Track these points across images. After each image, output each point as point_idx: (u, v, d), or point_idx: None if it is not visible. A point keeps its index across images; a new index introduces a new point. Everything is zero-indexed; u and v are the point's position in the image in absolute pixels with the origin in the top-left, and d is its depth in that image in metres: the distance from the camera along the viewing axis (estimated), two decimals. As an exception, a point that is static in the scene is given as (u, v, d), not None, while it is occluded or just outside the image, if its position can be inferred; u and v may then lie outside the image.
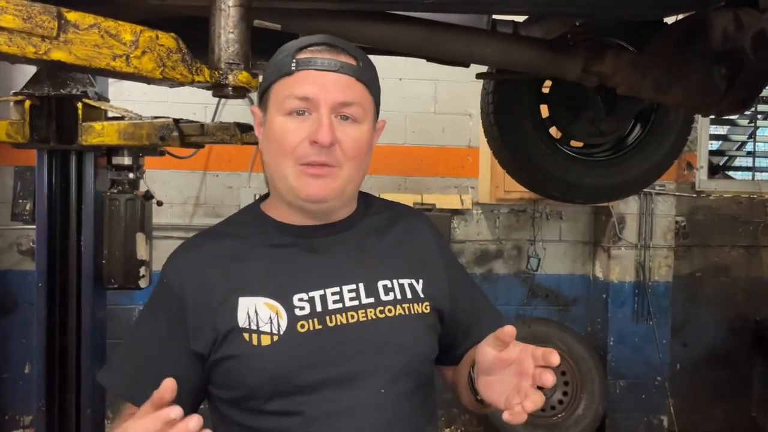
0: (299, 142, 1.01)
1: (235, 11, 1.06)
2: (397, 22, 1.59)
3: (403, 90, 3.97)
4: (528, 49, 1.71)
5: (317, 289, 1.05)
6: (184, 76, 1.00)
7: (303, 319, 1.02)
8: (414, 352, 1.08)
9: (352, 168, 1.05)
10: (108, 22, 0.91)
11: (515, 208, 4.13)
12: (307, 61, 1.01)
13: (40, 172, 2.85)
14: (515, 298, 4.15)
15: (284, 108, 1.02)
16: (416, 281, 1.12)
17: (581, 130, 2.34)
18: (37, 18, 0.84)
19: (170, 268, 1.10)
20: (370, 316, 1.05)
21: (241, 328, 1.01)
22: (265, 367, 1.00)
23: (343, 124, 1.02)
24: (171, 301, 1.06)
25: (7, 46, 0.81)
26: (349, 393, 1.01)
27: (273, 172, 1.07)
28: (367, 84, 1.06)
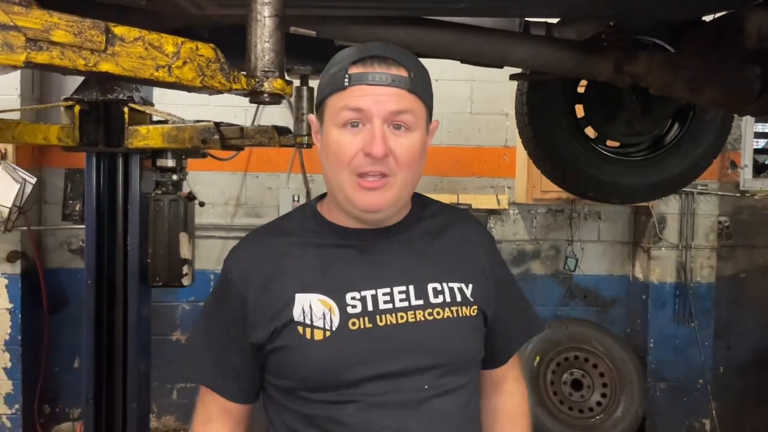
0: (354, 153, 1.05)
1: (270, 21, 1.11)
2: (428, 26, 1.62)
3: (439, 91, 3.88)
4: (559, 50, 1.72)
5: (369, 288, 1.09)
6: (222, 85, 1.05)
7: (354, 317, 1.07)
8: (459, 353, 1.12)
9: (406, 176, 1.08)
10: (152, 35, 0.97)
11: (552, 208, 4.11)
12: (360, 77, 1.04)
13: (88, 174, 2.97)
14: (553, 298, 4.13)
15: (339, 121, 1.06)
16: (466, 285, 1.15)
17: (617, 129, 2.33)
18: (86, 33, 0.89)
19: (233, 264, 1.17)
20: (419, 317, 1.09)
21: (296, 322, 1.07)
22: (316, 361, 1.06)
23: (396, 134, 1.06)
24: (234, 296, 1.13)
25: (60, 60, 0.87)
26: (395, 389, 1.06)
27: (330, 180, 1.12)
28: (419, 93, 1.08)
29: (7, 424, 3.69)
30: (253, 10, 1.11)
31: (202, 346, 1.20)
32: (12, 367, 3.67)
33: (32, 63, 0.85)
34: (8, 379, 3.66)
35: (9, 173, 3.48)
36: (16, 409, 3.69)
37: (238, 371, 1.14)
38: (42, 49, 0.86)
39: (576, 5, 1.49)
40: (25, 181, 3.48)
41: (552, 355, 3.84)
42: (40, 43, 0.86)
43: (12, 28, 0.82)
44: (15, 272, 3.68)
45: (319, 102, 1.11)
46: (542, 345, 3.84)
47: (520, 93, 2.46)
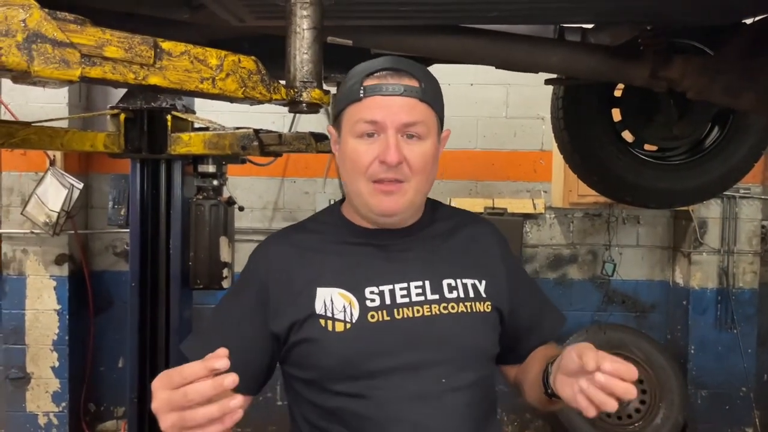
0: (370, 161, 1.11)
1: (309, 34, 1.15)
2: (462, 34, 1.65)
3: (474, 95, 4.00)
4: (593, 56, 1.72)
5: (387, 283, 1.14)
6: (263, 95, 1.09)
7: (373, 310, 1.12)
8: (473, 346, 1.16)
9: (420, 181, 1.14)
10: (197, 49, 1.01)
11: (590, 212, 4.07)
12: (374, 88, 1.11)
13: (133, 180, 3.07)
14: (590, 303, 4.09)
15: (355, 131, 1.12)
16: (479, 281, 1.20)
17: (654, 133, 2.31)
18: (137, 48, 0.94)
19: (258, 256, 1.23)
20: (435, 311, 1.13)
21: (318, 315, 1.11)
22: (338, 352, 1.10)
23: (409, 142, 1.12)
24: (256, 284, 1.18)
25: (112, 74, 0.92)
26: (413, 380, 1.09)
27: (349, 187, 1.18)
28: (430, 103, 1.14)
29: (54, 422, 3.82)
30: (292, 23, 1.15)
31: (211, 328, 1.23)
32: (59, 367, 3.80)
33: (87, 78, 0.90)
34: (56, 377, 3.80)
35: (57, 179, 3.62)
36: (63, 407, 3.82)
37: (243, 359, 1.13)
38: (95, 65, 0.91)
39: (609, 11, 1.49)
40: (72, 186, 3.61)
41: (589, 361, 3.80)
42: (94, 59, 0.91)
43: (68, 45, 0.87)
44: (63, 274, 3.81)
45: (337, 113, 1.17)
46: (579, 350, 3.80)
47: (555, 98, 2.46)
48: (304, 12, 1.15)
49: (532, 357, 1.28)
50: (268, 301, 1.15)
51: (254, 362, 1.17)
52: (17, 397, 3.78)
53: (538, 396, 1.17)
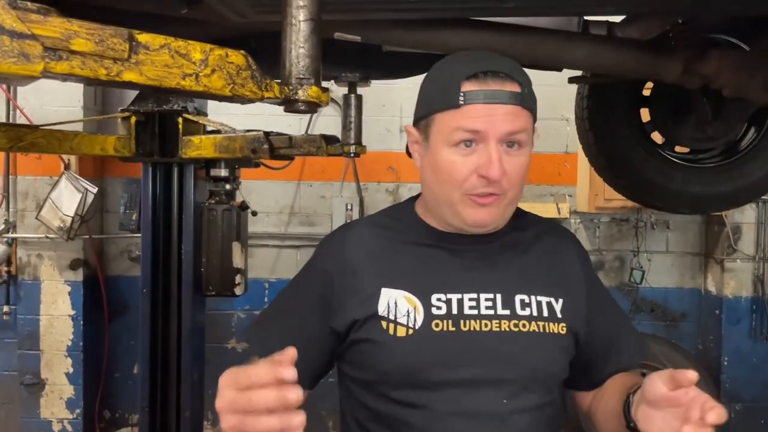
0: (468, 175, 1.03)
1: (305, 26, 1.05)
2: (478, 28, 1.54)
3: (496, 96, 3.87)
4: (621, 51, 1.60)
5: (455, 292, 1.08)
6: (253, 93, 1.00)
7: (438, 318, 1.06)
8: (542, 369, 1.08)
9: (516, 192, 1.08)
10: (178, 42, 0.92)
11: (617, 217, 3.92)
12: (475, 94, 1.01)
13: (145, 184, 3.01)
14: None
15: (452, 140, 1.03)
16: (555, 300, 1.11)
17: (686, 134, 2.18)
18: (108, 41, 0.85)
19: (324, 249, 1.18)
20: (504, 327, 1.06)
21: (380, 316, 1.06)
22: (397, 357, 1.04)
23: (509, 153, 1.03)
24: (321, 277, 1.13)
25: (80, 69, 0.84)
26: (472, 397, 1.03)
27: (438, 197, 1.09)
28: (531, 108, 1.06)
29: (68, 429, 3.78)
30: (287, 15, 1.05)
31: (272, 321, 1.20)
32: (74, 373, 3.76)
33: (51, 73, 0.82)
34: (70, 384, 3.76)
35: (72, 183, 3.58)
36: (77, 413, 3.77)
37: (303, 352, 1.05)
38: (61, 59, 0.82)
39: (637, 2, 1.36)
40: (86, 190, 3.57)
41: (616, 372, 3.66)
42: (60, 52, 0.82)
43: (29, 37, 0.78)
44: (77, 279, 3.77)
45: (425, 115, 1.08)
46: (606, 361, 3.66)
47: (580, 97, 2.34)
48: (300, 2, 1.05)
49: (609, 385, 1.17)
50: (332, 295, 1.11)
51: (313, 357, 1.12)
52: (32, 403, 3.74)
53: (616, 429, 1.06)
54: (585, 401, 1.22)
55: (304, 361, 1.04)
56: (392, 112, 3.94)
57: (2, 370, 3.93)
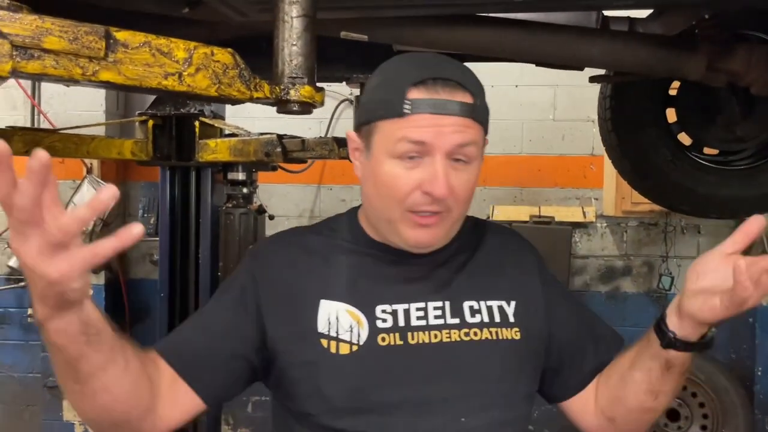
0: (410, 190, 0.94)
1: (298, 22, 1.00)
2: (489, 25, 1.47)
3: (519, 97, 3.80)
4: (640, 47, 1.52)
5: (402, 302, 1.00)
6: (241, 93, 0.96)
7: (384, 332, 0.97)
8: (499, 380, 1.00)
9: (461, 210, 0.99)
10: (159, 40, 0.88)
11: (645, 221, 3.79)
12: (422, 103, 0.92)
13: (162, 188, 3.00)
14: (645, 319, 3.80)
15: (395, 151, 0.94)
16: (507, 303, 1.04)
17: (715, 135, 2.08)
18: (83, 38, 0.82)
19: (253, 258, 1.08)
20: (454, 337, 0.99)
21: (320, 333, 0.97)
22: (342, 378, 0.96)
23: (456, 168, 0.95)
24: (246, 288, 1.03)
25: (54, 69, 0.80)
26: (428, 418, 0.95)
27: (378, 212, 1.01)
28: (482, 121, 0.98)
29: (90, 431, 3.79)
30: (279, 11, 1.01)
31: (185, 327, 1.07)
32: (95, 376, 3.76)
33: (21, 73, 0.78)
34: (92, 386, 3.77)
35: (93, 187, 3.60)
36: (99, 416, 3.79)
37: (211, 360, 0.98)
38: (33, 58, 0.79)
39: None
40: (107, 194, 3.58)
41: (644, 381, 3.54)
42: (31, 51, 0.78)
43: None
44: (99, 283, 3.79)
45: (368, 121, 0.98)
46: (633, 370, 3.54)
47: (602, 97, 2.25)
48: (292, -3, 1.00)
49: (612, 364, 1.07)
50: (257, 308, 1.00)
51: (222, 367, 1.00)
52: (54, 405, 3.77)
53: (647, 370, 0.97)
54: (586, 405, 1.09)
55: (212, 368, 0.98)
56: (413, 115, 3.88)
57: (26, 372, 3.97)
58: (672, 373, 0.97)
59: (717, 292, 0.88)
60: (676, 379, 0.98)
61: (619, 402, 1.04)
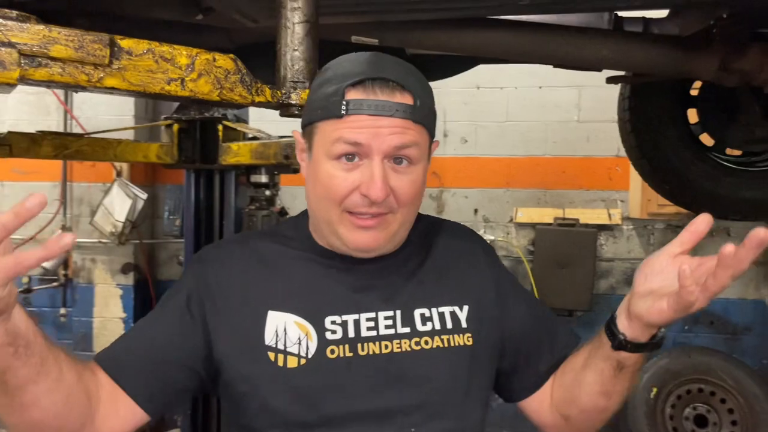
0: (348, 192, 0.93)
1: (300, 28, 1.02)
2: (499, 28, 1.48)
3: (542, 98, 3.77)
4: (651, 48, 1.51)
5: (351, 313, 0.97)
6: (243, 98, 0.98)
7: (334, 344, 0.95)
8: (451, 388, 0.98)
9: (406, 213, 0.97)
10: (163, 47, 0.91)
11: (672, 224, 3.73)
12: (359, 104, 0.90)
13: (187, 190, 3.06)
14: (674, 324, 3.74)
15: (332, 152, 0.92)
16: (460, 308, 1.02)
17: (735, 136, 2.05)
18: (88, 47, 0.85)
19: (207, 259, 1.04)
20: (405, 347, 0.97)
21: (267, 347, 0.95)
22: (290, 392, 0.93)
23: (397, 170, 0.93)
24: (196, 288, 0.99)
25: (60, 76, 0.84)
26: (377, 430, 0.94)
27: (317, 212, 0.99)
28: (424, 122, 0.95)
29: (119, 428, 3.88)
30: (281, 17, 1.03)
31: (132, 335, 1.03)
32: (124, 374, 3.85)
33: (30, 80, 0.82)
34: (121, 384, 3.85)
35: (123, 189, 3.69)
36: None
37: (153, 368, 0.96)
38: (41, 66, 0.82)
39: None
40: (136, 197, 3.67)
41: (672, 387, 3.47)
42: (39, 59, 0.82)
43: (5, 44, 0.79)
44: (128, 283, 3.88)
45: (308, 122, 0.97)
46: (660, 375, 3.48)
47: (622, 97, 2.24)
48: (294, 4, 1.02)
49: (566, 362, 1.07)
50: (204, 316, 0.97)
51: (165, 378, 0.97)
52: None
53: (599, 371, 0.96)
54: (542, 403, 1.09)
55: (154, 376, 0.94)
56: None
57: (59, 370, 4.08)
58: (624, 373, 0.96)
59: (664, 294, 0.86)
60: (628, 379, 0.97)
61: (573, 402, 1.03)
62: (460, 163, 3.87)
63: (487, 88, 3.81)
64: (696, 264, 0.85)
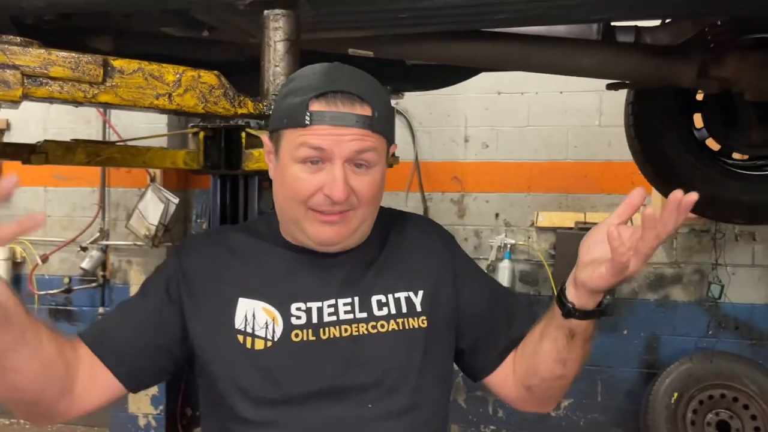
0: (312, 192, 1.01)
1: (281, 45, 1.12)
2: (486, 40, 1.55)
3: (563, 103, 3.80)
4: (631, 57, 1.55)
5: (315, 300, 1.06)
6: (226, 110, 1.08)
7: (298, 328, 1.04)
8: (404, 367, 1.05)
9: (367, 210, 1.05)
10: (152, 66, 1.02)
11: (696, 228, 3.71)
12: (321, 116, 0.99)
13: (213, 195, 3.20)
14: (696, 328, 3.71)
15: (297, 156, 1.01)
16: (414, 294, 1.10)
17: (736, 141, 2.07)
18: (84, 67, 0.96)
19: (186, 250, 1.13)
20: (362, 330, 1.05)
21: (237, 330, 1.03)
22: (257, 372, 1.01)
23: (357, 172, 1.02)
24: (175, 275, 1.08)
25: (59, 93, 0.95)
26: (336, 406, 1.01)
27: (284, 211, 1.08)
28: (382, 132, 1.03)
29: (152, 424, 4.05)
30: (264, 36, 1.13)
31: (114, 315, 1.13)
32: (157, 371, 4.02)
33: (32, 97, 0.93)
34: (154, 381, 4.02)
35: (156, 194, 3.86)
36: (160, 409, 4.04)
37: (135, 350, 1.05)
38: (41, 85, 0.94)
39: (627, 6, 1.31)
40: (168, 201, 3.83)
41: (693, 392, 3.45)
42: (39, 79, 0.93)
43: (10, 66, 0.90)
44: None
45: (275, 129, 1.06)
46: (681, 379, 3.47)
47: (626, 103, 2.27)
48: (275, 24, 1.12)
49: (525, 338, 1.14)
50: (182, 300, 1.06)
51: (143, 355, 1.06)
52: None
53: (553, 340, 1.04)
54: (506, 379, 1.16)
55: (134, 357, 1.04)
56: (457, 122, 3.95)
57: (97, 367, 4.28)
58: (576, 340, 1.03)
59: (603, 261, 0.94)
60: (581, 346, 1.04)
61: (533, 372, 1.10)
62: (481, 167, 3.93)
63: (508, 93, 3.86)
64: (629, 232, 0.92)
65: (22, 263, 4.40)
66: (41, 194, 4.36)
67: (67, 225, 4.32)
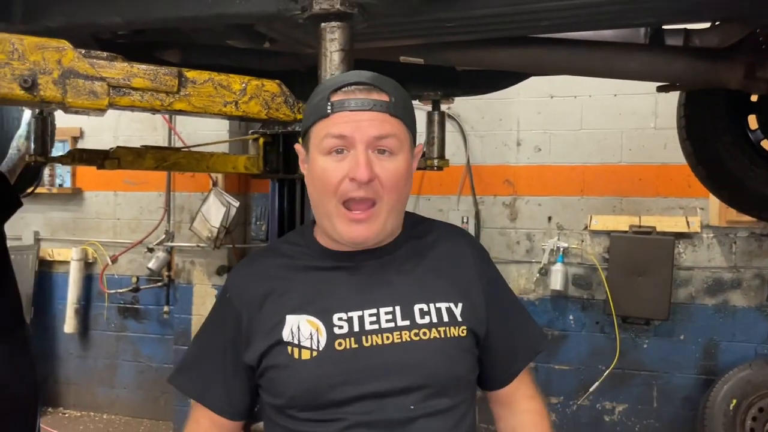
0: (340, 180, 1.07)
1: (336, 55, 1.21)
2: (530, 44, 1.60)
3: (618, 106, 3.78)
4: (678, 59, 1.57)
5: (356, 309, 1.12)
6: (287, 116, 1.17)
7: (341, 337, 1.10)
8: (446, 373, 1.12)
9: (392, 200, 1.10)
10: (220, 76, 1.12)
11: (756, 232, 3.63)
12: (341, 103, 1.06)
13: (272, 198, 3.34)
14: (756, 334, 3.63)
15: (323, 148, 1.08)
16: (455, 305, 1.15)
17: (792, 141, 2.04)
18: (161, 78, 1.07)
19: (232, 283, 1.23)
20: (405, 338, 1.10)
21: (286, 342, 1.11)
22: (303, 380, 1.09)
23: (380, 158, 1.08)
24: (231, 313, 1.18)
25: (140, 102, 1.06)
26: (379, 408, 1.08)
27: (317, 209, 1.14)
28: (401, 116, 1.10)
29: (213, 417, 4.21)
30: (321, 47, 1.22)
31: (195, 359, 1.25)
32: (218, 367, 4.18)
33: (116, 106, 1.04)
34: (215, 377, 4.18)
35: (218, 198, 4.04)
36: (220, 404, 4.20)
37: (228, 386, 1.18)
38: (124, 95, 1.05)
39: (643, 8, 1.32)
40: (230, 204, 4.00)
41: (753, 399, 3.37)
42: (123, 89, 1.05)
43: (98, 79, 1.02)
44: (222, 284, 4.21)
45: (304, 131, 1.13)
46: (741, 386, 3.39)
47: (678, 104, 2.27)
48: (331, 35, 1.21)
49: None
50: (241, 330, 1.16)
51: (236, 388, 1.18)
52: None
53: None
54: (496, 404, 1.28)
55: (233, 394, 1.17)
56: (509, 126, 3.98)
57: (162, 363, 4.49)
58: None
59: None
60: None
61: None
62: (534, 171, 3.94)
63: (561, 96, 3.87)
64: None
65: (93, 263, 4.66)
66: (111, 198, 4.61)
67: (135, 227, 4.56)
